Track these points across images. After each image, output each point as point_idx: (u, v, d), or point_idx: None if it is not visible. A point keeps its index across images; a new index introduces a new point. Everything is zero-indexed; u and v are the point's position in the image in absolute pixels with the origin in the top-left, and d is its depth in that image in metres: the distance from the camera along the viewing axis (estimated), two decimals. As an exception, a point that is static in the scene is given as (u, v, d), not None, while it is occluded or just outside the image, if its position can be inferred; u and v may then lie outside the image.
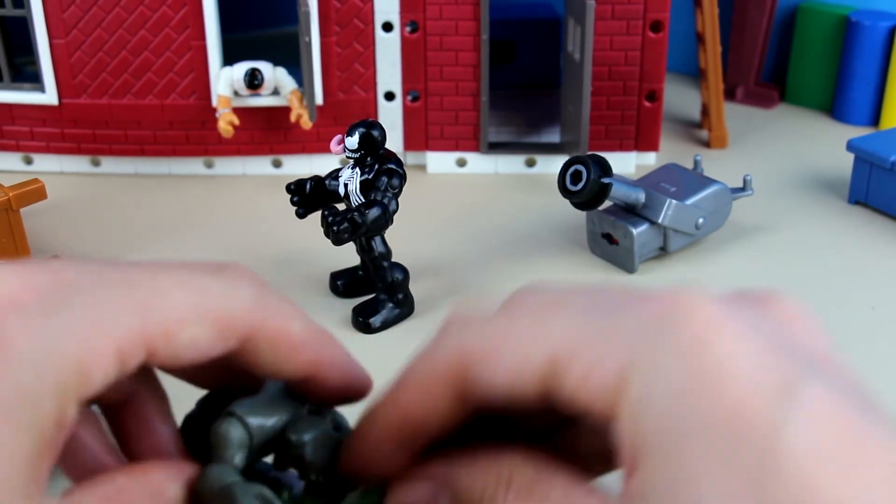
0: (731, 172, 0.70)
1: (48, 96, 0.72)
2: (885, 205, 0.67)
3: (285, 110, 0.72)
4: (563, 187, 0.58)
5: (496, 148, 0.76)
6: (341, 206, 0.53)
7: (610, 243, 0.61)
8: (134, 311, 0.22)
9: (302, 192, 0.55)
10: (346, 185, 0.53)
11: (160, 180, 0.75)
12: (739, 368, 0.19)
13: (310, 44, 0.69)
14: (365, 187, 0.52)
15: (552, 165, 0.74)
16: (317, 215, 0.54)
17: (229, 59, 0.71)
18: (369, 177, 0.52)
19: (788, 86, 0.90)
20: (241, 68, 0.70)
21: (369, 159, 0.52)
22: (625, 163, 0.74)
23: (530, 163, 0.76)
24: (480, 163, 0.76)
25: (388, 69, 0.73)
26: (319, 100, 0.72)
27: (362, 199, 0.52)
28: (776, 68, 0.92)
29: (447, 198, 0.72)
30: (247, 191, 0.74)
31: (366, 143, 0.52)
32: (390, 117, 0.74)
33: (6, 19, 0.73)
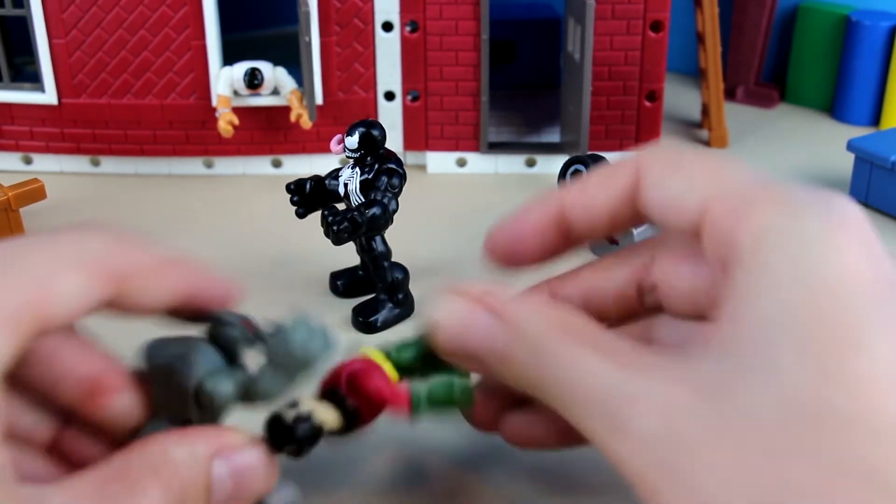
0: (732, 172, 0.70)
1: (48, 96, 0.72)
2: (886, 205, 0.67)
3: (285, 110, 0.72)
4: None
5: (496, 148, 0.76)
6: (341, 206, 0.53)
7: (610, 243, 0.61)
8: (27, 284, 0.26)
9: (302, 192, 0.55)
10: (345, 185, 0.53)
11: (160, 180, 0.75)
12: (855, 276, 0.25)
13: (310, 44, 0.69)
14: (365, 187, 0.52)
15: (552, 165, 0.74)
16: (317, 215, 0.54)
17: (229, 59, 0.71)
18: (369, 176, 0.52)
19: (788, 86, 0.90)
20: (241, 68, 0.70)
21: (369, 159, 0.52)
22: (625, 163, 0.74)
23: (530, 163, 0.76)
24: (480, 163, 0.76)
25: (388, 69, 0.73)
26: (319, 100, 0.72)
27: (362, 199, 0.52)
28: (776, 68, 0.92)
29: (447, 198, 0.72)
30: (247, 191, 0.74)
31: (366, 142, 0.52)
32: (390, 117, 0.74)
33: (6, 19, 0.73)
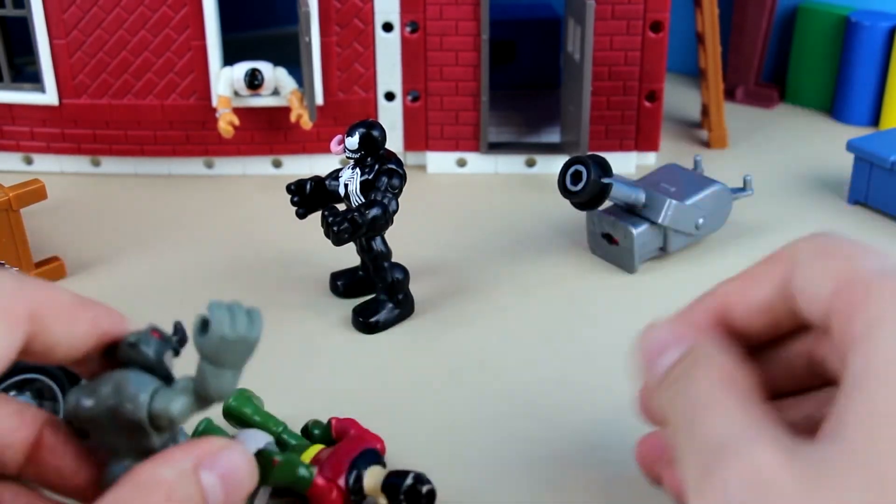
0: (731, 172, 0.70)
1: (48, 96, 0.72)
2: (885, 205, 0.67)
3: (285, 110, 0.72)
4: (563, 187, 0.58)
5: (496, 148, 0.76)
6: (341, 207, 0.53)
7: (610, 243, 0.61)
8: None
9: (302, 193, 0.55)
10: (346, 186, 0.53)
11: (160, 180, 0.75)
12: None
13: (310, 44, 0.69)
14: (365, 187, 0.52)
15: (552, 165, 0.74)
16: (317, 215, 0.54)
17: (229, 59, 0.71)
18: (369, 177, 0.52)
19: (788, 86, 0.90)
20: (241, 68, 0.70)
21: (369, 159, 0.52)
22: (625, 163, 0.74)
23: (530, 163, 0.76)
24: (480, 163, 0.76)
25: (388, 69, 0.73)
26: (319, 100, 0.72)
27: (362, 200, 0.52)
28: (776, 68, 0.92)
29: (447, 198, 0.72)
30: (247, 191, 0.74)
31: (366, 143, 0.52)
32: (390, 117, 0.74)
33: (6, 19, 0.73)
